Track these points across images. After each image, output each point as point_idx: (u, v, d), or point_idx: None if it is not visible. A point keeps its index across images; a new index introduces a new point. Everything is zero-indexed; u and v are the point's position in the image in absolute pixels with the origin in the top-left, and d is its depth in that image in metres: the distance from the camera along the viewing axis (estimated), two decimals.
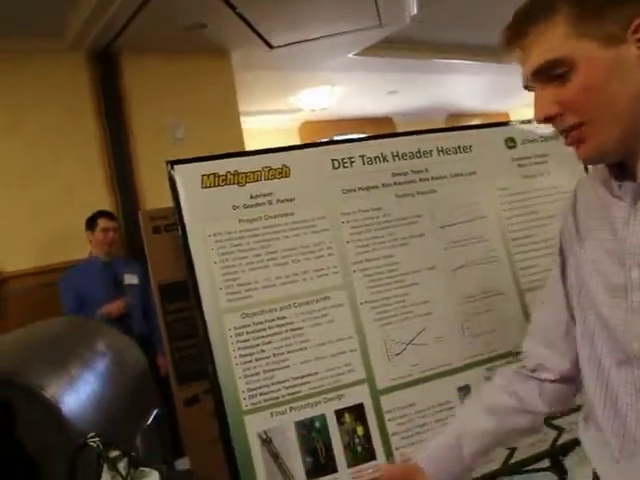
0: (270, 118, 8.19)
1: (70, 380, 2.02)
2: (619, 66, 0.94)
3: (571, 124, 0.96)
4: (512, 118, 10.08)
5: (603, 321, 1.04)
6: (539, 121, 0.99)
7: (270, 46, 5.34)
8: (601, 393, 1.06)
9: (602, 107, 0.95)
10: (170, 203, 1.82)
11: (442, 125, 10.18)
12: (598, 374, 1.07)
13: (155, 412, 1.97)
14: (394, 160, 1.94)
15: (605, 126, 0.95)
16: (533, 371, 1.27)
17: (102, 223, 4.26)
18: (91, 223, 4.28)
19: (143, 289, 4.27)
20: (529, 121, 2.17)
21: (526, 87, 1.04)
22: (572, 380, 1.24)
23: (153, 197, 4.79)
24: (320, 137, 9.01)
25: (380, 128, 9.52)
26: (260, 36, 5.07)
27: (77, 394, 1.93)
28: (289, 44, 5.39)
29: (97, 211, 4.32)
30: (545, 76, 0.97)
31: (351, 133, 9.24)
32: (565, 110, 0.96)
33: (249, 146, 5.68)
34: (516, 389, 1.27)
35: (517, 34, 1.00)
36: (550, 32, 0.96)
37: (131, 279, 4.26)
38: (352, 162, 1.91)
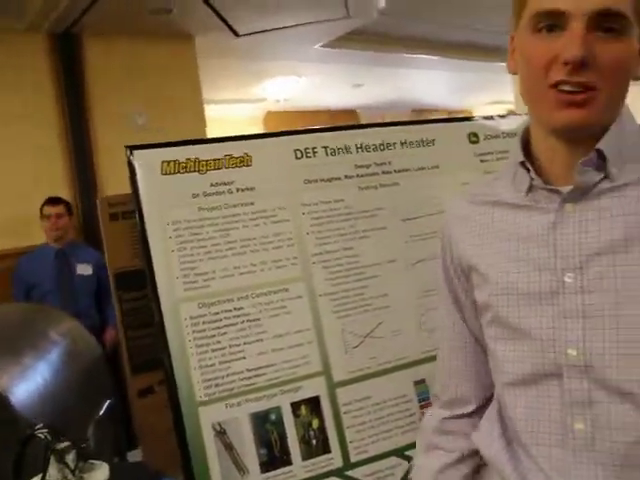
0: (234, 107, 8.14)
1: (22, 370, 1.97)
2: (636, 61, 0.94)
3: (590, 83, 0.89)
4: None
5: (522, 335, 1.00)
6: (575, 59, 0.87)
7: (236, 34, 5.29)
8: (524, 415, 1.02)
9: (619, 84, 0.93)
10: (128, 190, 1.78)
11: (406, 119, 10.23)
12: (516, 393, 1.03)
13: (108, 402, 1.94)
14: (357, 152, 1.93)
15: (610, 103, 0.93)
16: (454, 408, 1.21)
17: (45, 210, 4.20)
18: (40, 211, 4.22)
19: (97, 280, 4.21)
20: (492, 117, 2.18)
21: (553, 14, 0.91)
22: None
23: (113, 184, 4.71)
24: (284, 128, 8.96)
25: (344, 121, 9.52)
26: (226, 23, 5.02)
27: (28, 384, 1.90)
28: (255, 32, 5.35)
29: (47, 198, 4.25)
30: (598, 22, 0.89)
31: (315, 125, 9.22)
32: (595, 66, 0.89)
33: (211, 134, 5.62)
34: (448, 437, 1.20)
35: None
36: None
37: (84, 269, 4.18)
38: (315, 153, 1.89)
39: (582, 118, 0.91)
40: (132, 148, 1.78)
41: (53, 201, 4.22)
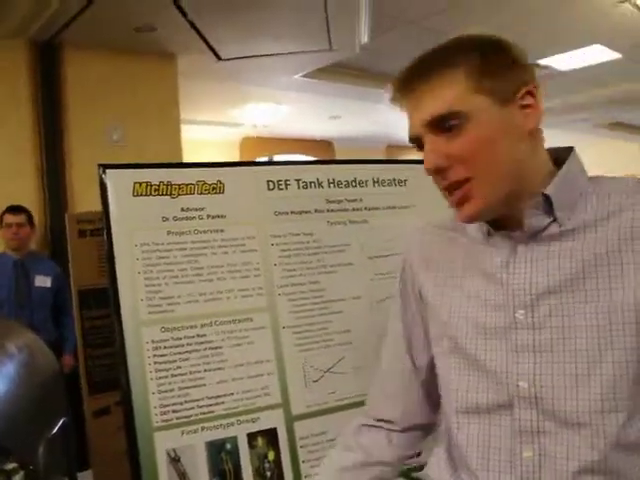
0: (211, 129, 8.15)
1: None
2: (507, 126, 1.00)
3: (459, 178, 0.99)
4: None
5: (477, 366, 1.06)
6: (429, 172, 1.01)
7: (218, 57, 5.32)
8: (476, 442, 1.07)
9: (490, 164, 0.99)
10: (99, 206, 1.78)
11: (381, 154, 10.34)
12: (469, 421, 1.08)
13: (62, 421, 1.90)
14: (329, 187, 1.95)
15: (492, 184, 0.99)
16: (378, 421, 1.27)
17: (5, 219, 4.13)
18: (0, 219, 4.16)
19: (55, 292, 4.15)
20: None
21: (414, 139, 1.05)
22: (423, 427, 1.27)
23: (82, 197, 4.68)
24: (260, 154, 9.01)
25: (320, 151, 9.59)
26: (209, 46, 5.05)
27: None
28: (238, 57, 5.39)
29: (7, 207, 4.19)
30: (437, 127, 0.99)
31: (291, 153, 9.28)
32: (454, 163, 0.99)
33: (187, 155, 5.62)
34: (361, 441, 1.26)
35: (413, 82, 1.02)
36: (448, 84, 0.99)
37: (43, 281, 4.12)
38: (287, 185, 1.90)
39: (473, 210, 1.01)
40: (105, 167, 1.77)
41: (14, 210, 4.16)
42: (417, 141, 1.04)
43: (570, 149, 1.06)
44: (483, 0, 4.73)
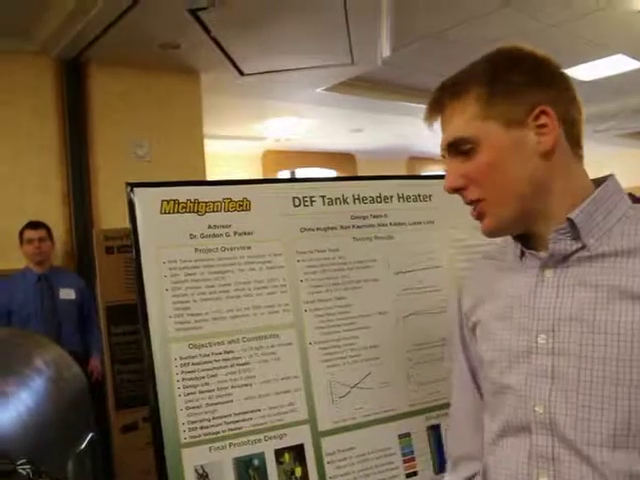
0: (234, 143, 8.21)
1: (4, 398, 1.96)
2: (519, 149, 1.03)
3: (473, 198, 1.06)
4: None
5: (502, 389, 1.08)
6: (448, 191, 1.08)
7: (241, 73, 5.37)
8: (500, 465, 1.08)
9: (500, 186, 1.04)
10: (125, 221, 1.80)
11: (403, 166, 10.33)
12: (496, 445, 1.10)
13: (90, 436, 1.92)
14: (354, 203, 1.96)
15: (502, 204, 1.04)
16: (458, 470, 1.27)
17: (27, 234, 4.18)
18: (20, 235, 4.20)
19: (80, 304, 4.19)
20: None
21: (443, 156, 1.11)
22: None
23: (108, 213, 4.73)
24: (283, 167, 9.05)
25: (342, 164, 9.61)
26: (232, 62, 5.10)
27: (10, 413, 1.88)
28: (260, 73, 5.43)
29: (28, 222, 4.24)
30: (455, 150, 1.06)
31: (313, 166, 9.31)
32: (469, 184, 1.05)
33: (211, 169, 5.67)
34: None
35: (436, 108, 1.10)
36: (461, 110, 1.05)
37: (67, 294, 4.16)
38: (313, 201, 1.91)
39: (487, 228, 1.07)
40: (133, 185, 1.79)
41: (34, 225, 4.21)
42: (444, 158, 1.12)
43: (609, 176, 1.07)
44: (503, 12, 4.73)
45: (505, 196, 1.04)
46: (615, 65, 6.38)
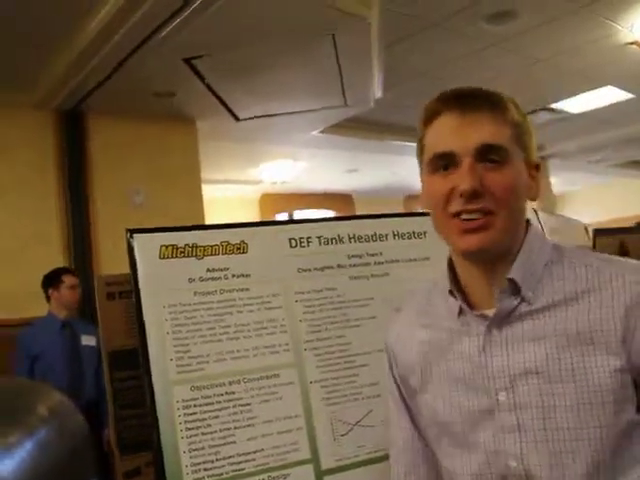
0: (231, 188, 8.29)
1: (8, 449, 1.95)
2: (525, 186, 1.07)
3: (485, 209, 1.02)
4: None
5: (469, 447, 1.09)
6: (467, 191, 1.00)
7: (236, 118, 5.46)
8: None
9: (514, 208, 1.05)
10: (125, 268, 1.83)
11: (400, 204, 10.40)
12: None
13: None
14: (350, 242, 1.99)
15: (508, 226, 1.04)
16: None
17: (69, 280, 4.16)
18: (53, 280, 4.18)
19: (99, 351, 4.19)
20: None
21: (446, 155, 1.04)
22: None
23: (107, 259, 4.77)
24: (279, 210, 9.11)
25: (339, 204, 9.67)
26: (227, 108, 5.19)
27: (14, 463, 1.88)
28: (255, 117, 5.52)
29: (58, 268, 4.24)
30: (482, 155, 1.02)
31: (310, 208, 9.37)
32: (486, 193, 1.01)
33: (208, 214, 5.72)
34: None
35: (475, 102, 1.05)
36: (502, 120, 1.04)
37: (89, 340, 4.17)
38: (309, 242, 1.95)
39: (480, 242, 1.02)
40: (132, 231, 1.82)
41: (73, 272, 4.24)
42: (447, 157, 1.05)
43: (526, 222, 1.11)
44: (495, 49, 4.84)
45: (513, 219, 1.05)
46: (605, 97, 6.48)
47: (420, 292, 1.28)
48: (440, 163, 1.06)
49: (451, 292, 1.12)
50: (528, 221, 1.11)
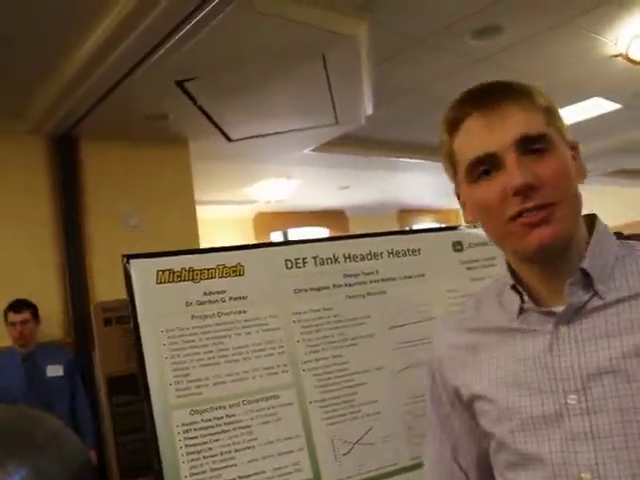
0: (225, 208, 8.29)
1: (5, 477, 1.95)
2: (572, 168, 0.99)
3: (545, 202, 0.93)
4: (461, 215, 10.40)
5: (530, 460, 0.98)
6: (522, 185, 0.92)
7: (229, 139, 5.49)
8: None
9: (571, 194, 0.96)
10: (121, 292, 1.83)
11: (394, 219, 10.44)
12: None
13: None
14: (345, 261, 2.00)
15: (570, 213, 0.96)
16: None
17: (10, 317, 4.10)
18: (5, 315, 4.12)
19: (69, 380, 4.12)
20: (475, 225, 2.26)
21: (488, 156, 0.97)
22: None
23: (103, 284, 4.76)
24: (274, 228, 9.14)
25: (333, 221, 9.71)
26: (219, 129, 5.22)
27: None
28: (247, 138, 5.55)
29: (11, 301, 4.16)
30: (525, 148, 0.95)
31: (304, 225, 9.39)
32: (541, 185, 0.93)
33: (203, 234, 5.73)
34: None
35: (500, 98, 0.99)
36: (533, 110, 0.98)
37: (55, 370, 4.08)
38: (305, 262, 1.96)
39: (551, 234, 0.93)
40: (128, 257, 1.83)
41: (17, 308, 4.13)
42: (490, 159, 0.97)
43: (593, 216, 1.04)
44: (482, 64, 4.88)
45: (574, 206, 0.97)
46: (592, 108, 6.54)
47: (466, 304, 1.19)
48: (480, 169, 0.98)
49: (514, 287, 1.04)
50: (596, 215, 1.04)
